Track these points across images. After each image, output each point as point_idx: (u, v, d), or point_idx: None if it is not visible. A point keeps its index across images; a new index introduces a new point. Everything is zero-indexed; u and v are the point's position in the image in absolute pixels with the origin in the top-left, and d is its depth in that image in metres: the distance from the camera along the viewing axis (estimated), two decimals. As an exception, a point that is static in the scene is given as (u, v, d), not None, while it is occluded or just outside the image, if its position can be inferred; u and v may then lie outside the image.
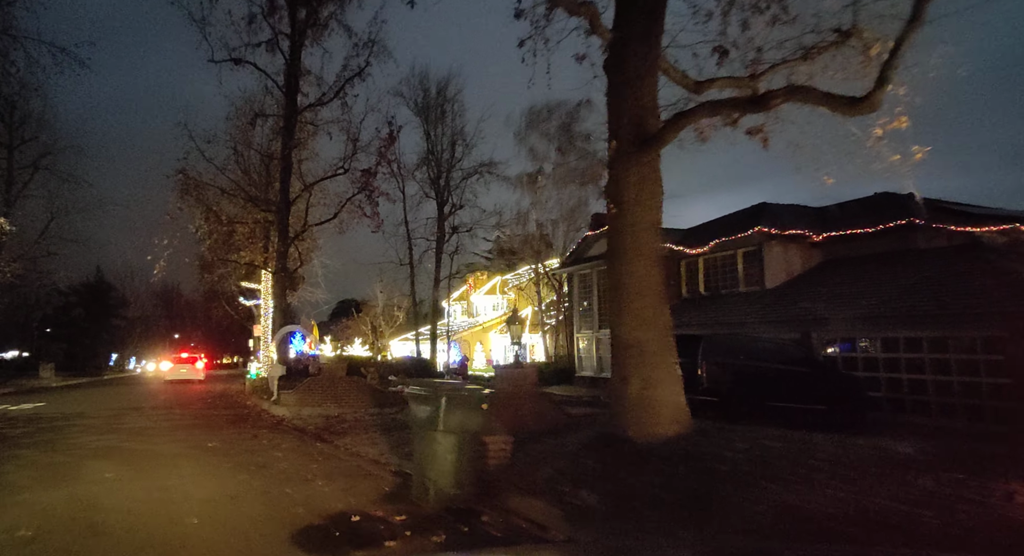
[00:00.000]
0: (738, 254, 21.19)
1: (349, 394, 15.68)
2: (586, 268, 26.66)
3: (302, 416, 14.66)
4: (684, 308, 22.60)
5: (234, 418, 15.32)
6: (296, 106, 24.85)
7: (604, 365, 25.11)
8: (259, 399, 19.82)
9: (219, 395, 24.76)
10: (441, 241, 30.34)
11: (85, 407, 18.85)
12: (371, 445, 10.03)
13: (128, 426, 13.62)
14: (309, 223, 24.50)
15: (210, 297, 58.79)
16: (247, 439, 11.31)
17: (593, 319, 26.01)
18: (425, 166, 30.03)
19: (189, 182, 22.14)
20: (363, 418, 13.77)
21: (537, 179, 32.55)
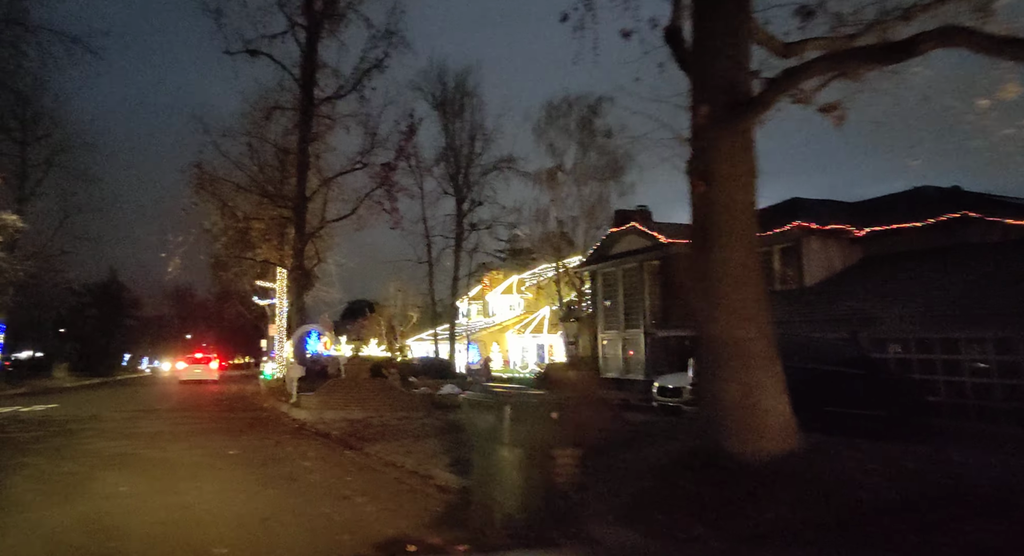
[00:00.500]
0: (773, 250, 20.26)
1: (373, 397, 14.92)
2: (611, 266, 25.83)
3: (324, 420, 13.91)
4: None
5: (253, 422, 14.60)
6: (312, 99, 24.17)
7: (631, 366, 24.28)
8: (277, 401, 19.12)
9: (235, 397, 24.11)
10: (460, 238, 29.60)
11: (99, 409, 18.22)
12: (406, 454, 9.23)
13: (143, 430, 12.92)
14: (327, 219, 23.78)
15: (223, 297, 58.41)
16: (270, 446, 10.56)
17: (618, 318, 25.16)
18: (443, 162, 29.38)
19: (204, 176, 21.51)
20: (390, 423, 13.00)
21: (557, 175, 31.75)
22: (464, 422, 6.68)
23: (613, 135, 31.06)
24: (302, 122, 23.89)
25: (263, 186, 23.82)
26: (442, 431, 11.32)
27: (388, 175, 22.73)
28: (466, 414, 6.08)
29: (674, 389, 14.98)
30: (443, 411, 14.60)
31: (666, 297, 22.85)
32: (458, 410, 14.89)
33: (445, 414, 14.07)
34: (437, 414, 13.96)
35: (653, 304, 23.53)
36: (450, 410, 14.87)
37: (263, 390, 25.59)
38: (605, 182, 31.27)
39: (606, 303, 26.46)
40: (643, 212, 28.42)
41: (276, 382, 28.83)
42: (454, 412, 14.45)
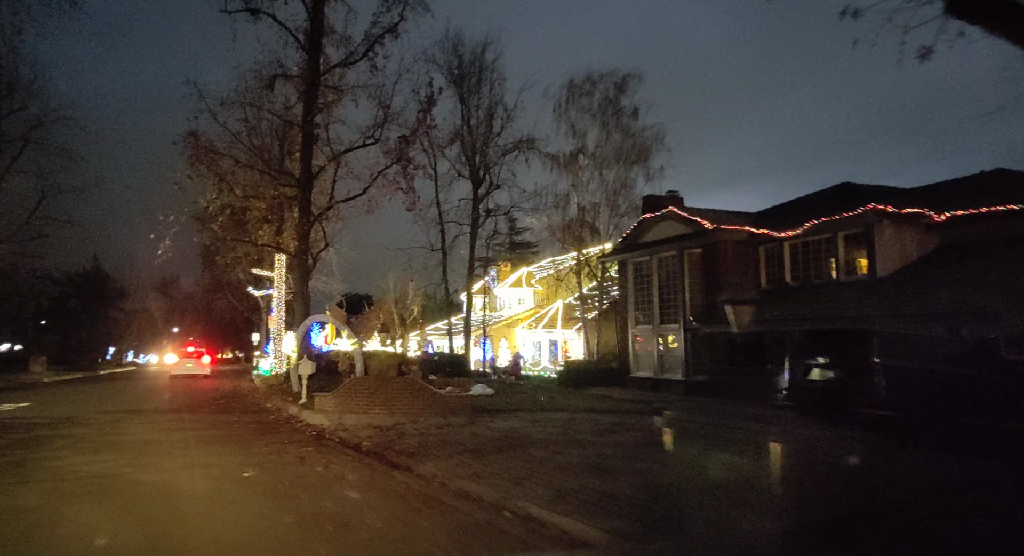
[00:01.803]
0: (838, 238, 18.23)
1: (399, 399, 12.72)
2: (644, 254, 23.70)
3: (347, 426, 11.69)
4: (767, 300, 19.63)
5: (260, 427, 12.34)
6: (319, 67, 21.85)
7: (667, 365, 22.20)
8: (282, 401, 16.85)
9: (231, 394, 21.77)
10: (476, 224, 27.33)
11: (76, 408, 15.88)
12: (475, 479, 7.04)
13: (128, 438, 10.64)
14: (336, 199, 21.43)
15: (213, 288, 55.77)
16: (292, 463, 8.32)
17: (652, 312, 23.05)
18: (459, 141, 27.05)
19: (200, 147, 19.11)
20: (428, 431, 10.80)
21: (578, 158, 29.57)
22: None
23: (639, 114, 29.08)
24: (307, 92, 21.58)
25: (266, 161, 21.46)
26: (504, 444, 9.16)
27: (404, 150, 20.46)
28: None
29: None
30: (488, 416, 12.43)
31: (710, 289, 20.76)
32: (505, 416, 12.74)
33: (491, 420, 11.89)
34: (482, 421, 11.78)
35: (694, 297, 21.44)
36: (494, 415, 12.71)
37: (261, 387, 23.26)
38: (630, 166, 29.17)
39: (641, 295, 24.34)
40: (674, 198, 26.36)
41: (275, 379, 26.49)
42: (500, 418, 12.29)
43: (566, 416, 12.87)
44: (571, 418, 12.40)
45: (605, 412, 14.25)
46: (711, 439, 10.29)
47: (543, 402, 15.45)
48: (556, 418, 12.39)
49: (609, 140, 29.29)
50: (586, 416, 13.00)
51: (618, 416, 13.32)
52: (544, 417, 12.53)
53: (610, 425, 11.32)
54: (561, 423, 11.45)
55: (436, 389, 13.27)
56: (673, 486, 6.44)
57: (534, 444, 9.05)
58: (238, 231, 23.50)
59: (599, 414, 13.58)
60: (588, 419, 12.35)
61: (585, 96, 29.50)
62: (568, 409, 14.31)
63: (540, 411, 13.72)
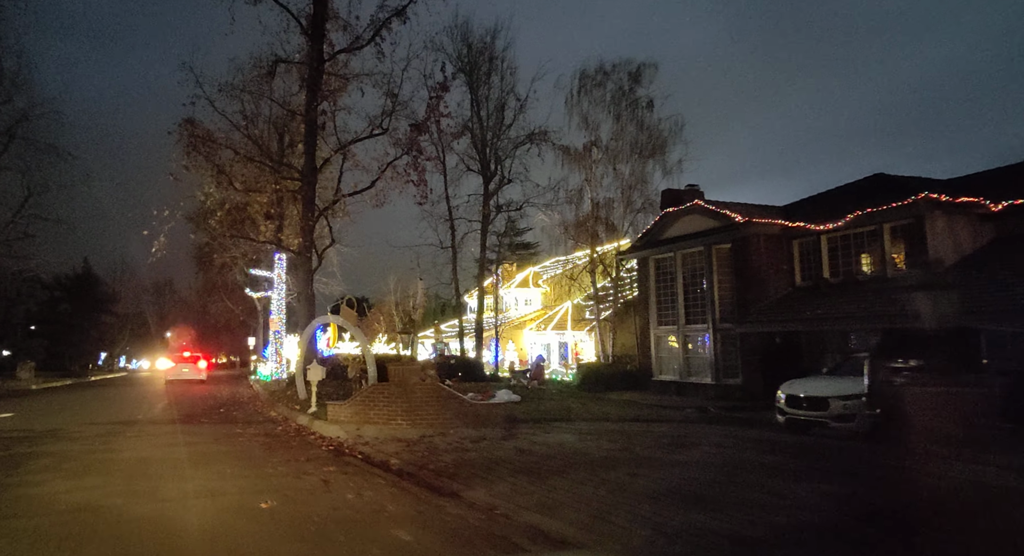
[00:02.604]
0: (884, 230, 17.01)
1: (425, 408, 11.40)
2: (666, 251, 22.45)
3: (367, 439, 10.39)
4: (802, 298, 18.44)
5: (269, 440, 11.00)
6: (323, 53, 20.51)
7: (694, 367, 20.96)
8: (288, 409, 15.51)
9: (230, 401, 20.39)
10: (486, 221, 26.00)
11: (63, 419, 14.52)
12: (543, 509, 5.73)
13: (120, 455, 9.30)
14: (342, 192, 20.06)
15: (207, 291, 54.25)
16: (316, 489, 7.00)
17: (677, 312, 21.79)
18: (468, 134, 25.73)
19: (197, 135, 17.73)
20: (463, 446, 9.49)
21: (592, 152, 28.33)
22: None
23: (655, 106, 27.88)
24: (310, 79, 20.24)
25: (267, 153, 20.09)
26: (561, 464, 7.86)
27: (416, 139, 19.13)
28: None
29: (814, 399, 11.59)
30: (526, 428, 11.12)
31: (741, 286, 19.53)
32: (545, 427, 11.45)
33: (532, 432, 10.58)
34: (522, 433, 10.47)
35: (723, 294, 20.19)
36: (532, 426, 11.41)
37: (262, 394, 21.91)
38: (646, 160, 27.94)
39: (664, 294, 23.08)
40: (695, 192, 25.12)
41: (277, 385, 25.15)
42: (541, 429, 10.98)
43: (611, 426, 11.58)
44: (620, 429, 11.10)
45: (651, 421, 12.97)
46: (813, 456, 8.95)
47: (577, 410, 14.18)
48: (603, 429, 11.10)
49: (623, 133, 28.08)
50: (634, 427, 11.71)
51: (670, 426, 12.04)
52: (589, 428, 11.24)
53: (672, 438, 10.03)
54: (613, 436, 10.15)
55: (464, 397, 11.94)
56: (818, 527, 5.13)
57: (597, 463, 7.75)
58: (237, 228, 22.11)
59: (647, 424, 12.29)
60: (639, 430, 11.05)
61: (598, 87, 28.30)
62: (609, 418, 13.03)
63: (579, 420, 12.43)
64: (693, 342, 21.38)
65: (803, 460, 8.43)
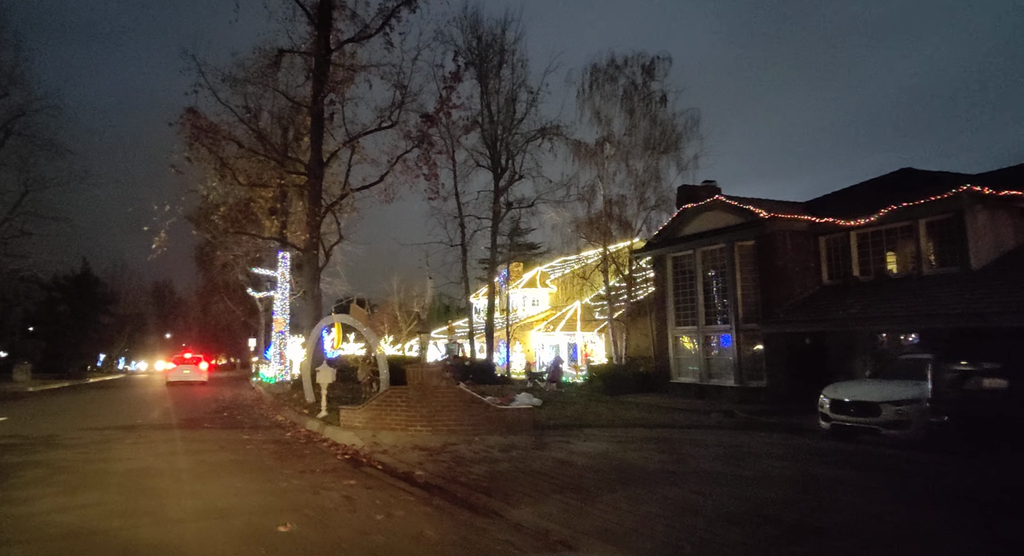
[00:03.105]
0: (919, 225, 16.24)
1: (446, 413, 10.62)
2: (685, 248, 21.68)
3: (385, 447, 9.61)
4: (831, 297, 17.66)
5: (279, 448, 10.22)
6: (329, 43, 19.76)
7: (715, 369, 20.19)
8: (296, 414, 14.73)
9: (233, 404, 19.61)
10: (496, 218, 25.21)
11: (59, 424, 13.73)
12: (607, 537, 4.96)
13: (118, 466, 8.52)
14: (351, 187, 19.24)
15: (208, 292, 53.56)
16: (339, 506, 6.22)
17: (697, 312, 21.01)
18: (478, 128, 24.93)
19: (200, 126, 16.96)
20: (492, 455, 8.72)
21: (605, 148, 27.56)
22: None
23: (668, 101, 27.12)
24: (317, 69, 19.49)
25: (272, 145, 19.31)
26: (611, 478, 7.08)
27: (427, 131, 18.36)
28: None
29: (863, 404, 10.80)
30: (557, 435, 10.35)
31: (766, 285, 18.75)
32: (577, 434, 10.67)
33: (565, 440, 9.79)
34: (554, 441, 9.68)
35: (746, 293, 19.42)
36: (564, 433, 10.63)
37: (266, 397, 21.14)
38: (660, 156, 27.17)
39: (683, 293, 22.31)
40: (712, 188, 24.39)
41: (281, 387, 24.37)
42: (573, 437, 10.20)
43: (647, 433, 10.79)
44: (659, 437, 10.30)
45: (686, 427, 12.20)
46: (886, 469, 8.13)
47: (605, 415, 13.40)
48: (640, 437, 10.30)
49: (637, 128, 27.31)
50: (672, 433, 10.93)
51: (708, 433, 11.27)
52: (625, 435, 10.45)
53: (721, 447, 9.24)
54: (655, 444, 9.36)
55: (488, 401, 11.15)
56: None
57: (652, 478, 6.96)
58: (241, 224, 21.33)
59: (683, 430, 11.51)
60: (679, 437, 10.27)
61: (610, 81, 27.54)
62: (642, 423, 12.24)
63: (611, 426, 11.65)
64: (714, 343, 20.60)
65: (879, 474, 7.63)
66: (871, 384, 11.52)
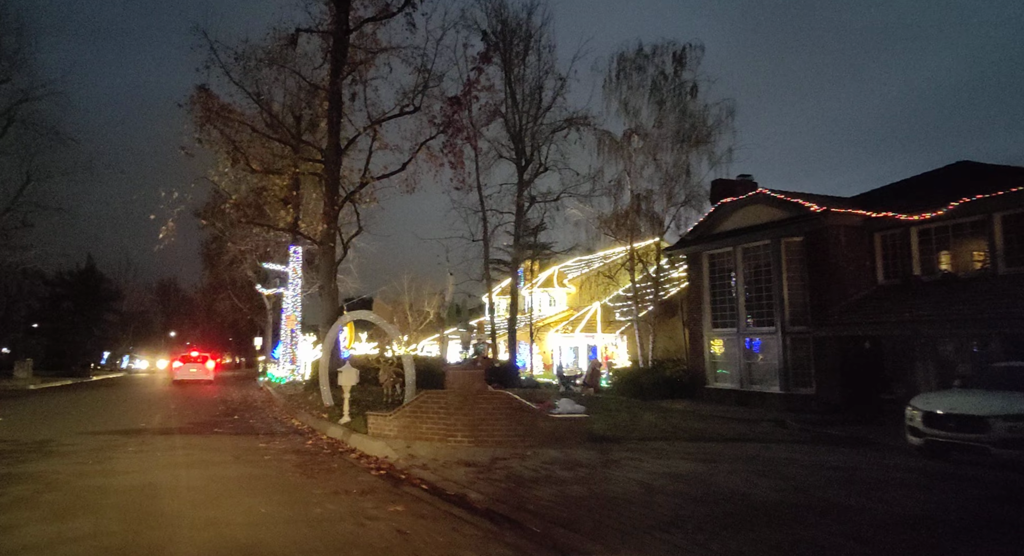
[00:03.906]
0: (994, 220, 14.91)
1: (490, 422, 9.36)
2: (722, 245, 20.38)
3: (423, 460, 8.36)
4: (889, 298, 16.35)
5: (303, 460, 8.96)
6: (348, 22, 18.54)
7: (757, 375, 18.91)
8: (313, 418, 13.49)
9: (243, 406, 18.41)
10: (520, 212, 23.93)
11: (56, 427, 12.55)
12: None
13: (119, 481, 7.29)
14: (372, 176, 17.98)
15: (214, 288, 52.39)
16: (395, 548, 4.95)
17: (737, 313, 19.70)
18: (501, 118, 23.63)
19: (211, 107, 15.73)
20: (554, 473, 7.46)
21: (632, 140, 26.28)
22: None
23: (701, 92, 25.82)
24: (335, 50, 18.29)
25: (286, 128, 18.07)
26: (720, 511, 5.81)
27: (454, 116, 17.11)
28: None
29: (965, 419, 9.47)
30: (619, 449, 9.06)
31: (816, 285, 17.44)
32: (640, 448, 9.40)
33: (635, 457, 8.52)
34: (621, 458, 8.40)
35: (793, 294, 18.10)
36: (626, 447, 9.36)
37: (277, 398, 19.91)
38: (690, 149, 25.85)
39: (721, 294, 21.02)
40: (748, 182, 23.12)
41: (292, 388, 23.16)
42: (642, 453, 8.93)
43: (721, 448, 9.51)
44: (744, 455, 8.97)
45: (758, 440, 10.89)
46: None
47: (660, 425, 12.12)
48: (716, 453, 9.02)
49: (666, 120, 26.01)
50: (751, 449, 9.63)
51: (795, 449, 9.96)
52: (698, 450, 9.16)
53: (827, 469, 7.92)
54: (746, 464, 8.08)
55: (538, 409, 9.88)
56: None
57: (771, 512, 5.66)
58: (253, 215, 20.10)
59: (761, 445, 10.20)
60: (770, 456, 8.93)
61: (638, 71, 26.25)
62: (705, 435, 10.93)
63: (674, 439, 10.36)
64: (756, 347, 19.26)
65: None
66: (970, 395, 10.19)
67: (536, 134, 23.73)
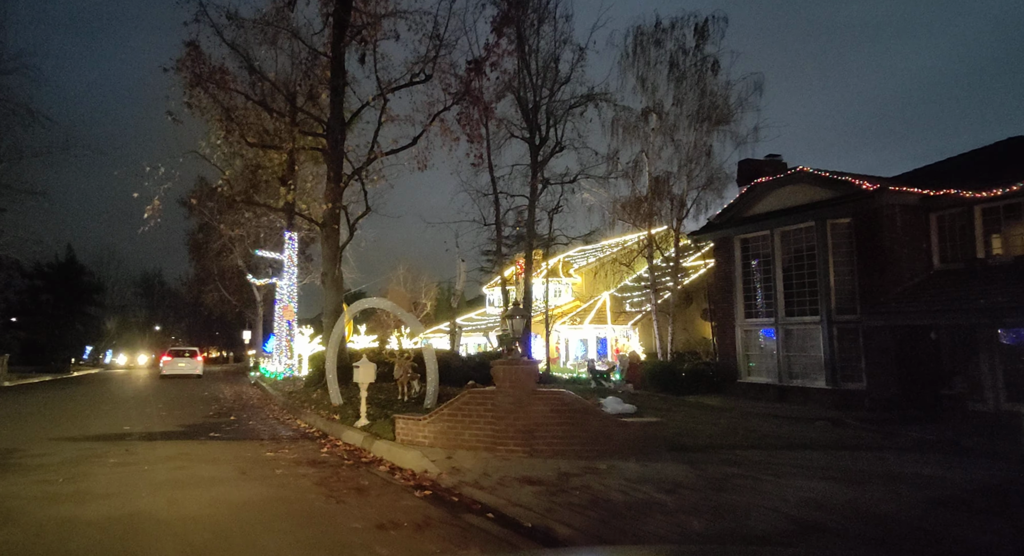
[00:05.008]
0: (1072, 196, 13.51)
1: (551, 426, 7.77)
2: (758, 228, 18.90)
3: (472, 475, 6.78)
4: (950, 283, 14.91)
5: (324, 475, 7.32)
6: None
7: (798, 368, 17.53)
8: (323, 420, 11.83)
9: (237, 404, 16.71)
10: (534, 194, 22.29)
11: (25, 432, 10.85)
12: None
13: (96, 512, 5.65)
14: (380, 150, 16.20)
15: (201, 281, 50.31)
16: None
17: (774, 301, 18.24)
18: (512, 94, 21.91)
19: (203, 64, 13.94)
20: (651, 497, 5.90)
21: (650, 119, 24.75)
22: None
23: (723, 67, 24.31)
24: (338, 12, 16.50)
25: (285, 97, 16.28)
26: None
27: (470, 83, 15.43)
28: None
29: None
30: (718, 462, 7.50)
31: (866, 270, 16.01)
32: (738, 459, 7.85)
33: (746, 474, 6.97)
34: (727, 476, 6.83)
35: (841, 280, 16.66)
36: (715, 457, 7.80)
37: (276, 396, 18.22)
38: (711, 129, 24.36)
39: (755, 281, 19.56)
40: (776, 162, 21.70)
41: (289, 384, 21.47)
42: (742, 466, 7.38)
43: (828, 458, 7.98)
44: (877, 471, 7.46)
45: (856, 447, 9.38)
46: None
47: (725, 427, 10.59)
48: (833, 466, 7.50)
49: (685, 98, 24.50)
50: (870, 460, 8.13)
51: (910, 460, 8.46)
52: (806, 462, 7.62)
53: (995, 491, 6.45)
54: (887, 483, 6.56)
55: (604, 411, 8.30)
56: None
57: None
58: (248, 195, 18.30)
59: (877, 454, 8.70)
60: (907, 474, 7.41)
61: (656, 45, 24.70)
62: (794, 443, 9.40)
63: (764, 447, 8.79)
64: (797, 338, 17.80)
65: None
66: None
67: (552, 110, 22.07)
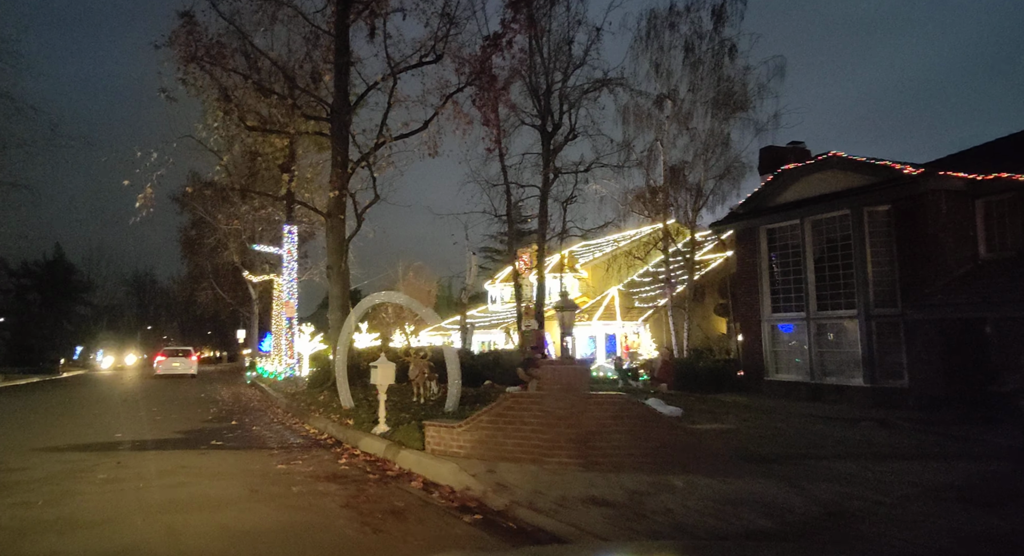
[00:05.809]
0: None
1: (608, 435, 6.76)
2: (787, 218, 17.93)
3: (521, 493, 5.76)
4: (1000, 273, 13.99)
5: (348, 495, 6.26)
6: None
7: (831, 365, 16.68)
8: (334, 424, 10.78)
9: (238, 407, 15.63)
10: (547, 184, 21.25)
11: (6, 441, 9.78)
12: None
13: (82, 546, 4.63)
14: (390, 135, 15.08)
15: (194, 278, 49.02)
16: None
17: (805, 295, 17.28)
18: (522, 79, 20.85)
19: (198, 36, 12.82)
20: (746, 521, 4.89)
21: (665, 106, 23.76)
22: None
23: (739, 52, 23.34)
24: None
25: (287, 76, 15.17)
26: None
27: (486, 61, 14.37)
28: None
29: None
30: (811, 476, 6.48)
31: (910, 260, 15.07)
32: (829, 472, 6.81)
33: (852, 492, 5.93)
34: (825, 494, 5.81)
35: (880, 272, 15.71)
36: (800, 469, 6.78)
37: (275, 397, 17.12)
38: (728, 116, 23.39)
39: (783, 274, 18.60)
40: (800, 150, 20.79)
41: (290, 385, 20.39)
42: (837, 483, 6.37)
43: (931, 473, 6.99)
44: (1010, 490, 6.49)
45: (932, 458, 8.40)
46: None
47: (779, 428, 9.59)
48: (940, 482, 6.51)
49: (701, 84, 23.52)
50: (962, 473, 7.13)
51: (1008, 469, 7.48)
52: (908, 474, 6.63)
53: None
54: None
55: (668, 416, 7.27)
56: None
57: None
58: (247, 182, 17.19)
59: (978, 464, 7.71)
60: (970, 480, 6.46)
61: (671, 29, 23.71)
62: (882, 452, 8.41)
63: (837, 457, 7.79)
64: (830, 333, 16.86)
65: None
66: None
67: (565, 95, 21.03)
